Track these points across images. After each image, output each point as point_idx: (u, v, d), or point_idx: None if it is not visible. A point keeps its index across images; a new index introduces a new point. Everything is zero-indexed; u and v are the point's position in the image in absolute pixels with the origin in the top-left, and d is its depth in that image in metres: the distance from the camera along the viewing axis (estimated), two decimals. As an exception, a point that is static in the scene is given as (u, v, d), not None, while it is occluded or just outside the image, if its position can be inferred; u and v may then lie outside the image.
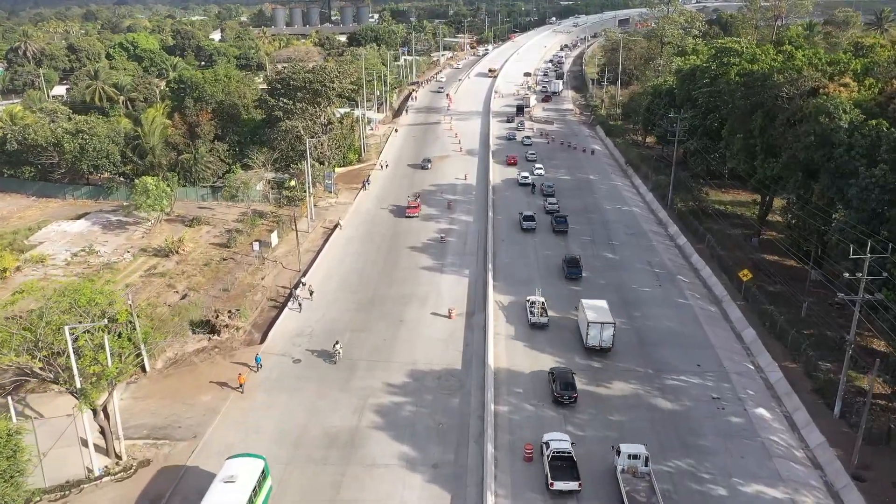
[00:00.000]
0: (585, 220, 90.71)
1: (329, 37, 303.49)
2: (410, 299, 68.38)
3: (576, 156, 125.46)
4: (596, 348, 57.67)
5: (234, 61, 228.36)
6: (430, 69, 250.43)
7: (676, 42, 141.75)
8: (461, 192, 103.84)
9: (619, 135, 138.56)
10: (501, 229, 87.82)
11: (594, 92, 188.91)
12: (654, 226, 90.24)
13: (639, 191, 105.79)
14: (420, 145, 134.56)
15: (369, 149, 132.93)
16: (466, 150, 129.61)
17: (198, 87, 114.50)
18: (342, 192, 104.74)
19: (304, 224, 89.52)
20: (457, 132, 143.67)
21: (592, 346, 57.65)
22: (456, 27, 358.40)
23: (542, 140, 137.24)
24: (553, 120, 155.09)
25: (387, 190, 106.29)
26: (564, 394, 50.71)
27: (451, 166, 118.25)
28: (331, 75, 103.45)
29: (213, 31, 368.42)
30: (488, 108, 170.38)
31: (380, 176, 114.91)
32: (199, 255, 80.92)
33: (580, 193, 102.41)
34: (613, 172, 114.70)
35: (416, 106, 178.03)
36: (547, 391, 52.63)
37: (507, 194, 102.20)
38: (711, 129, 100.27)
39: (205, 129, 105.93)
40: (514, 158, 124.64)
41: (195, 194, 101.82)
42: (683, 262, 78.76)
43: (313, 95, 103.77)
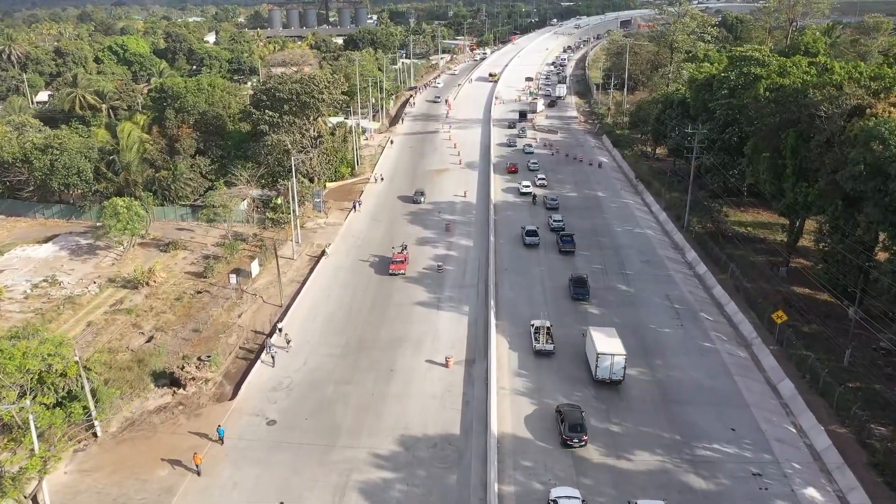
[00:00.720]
0: (596, 245, 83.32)
1: (325, 39, 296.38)
2: (403, 342, 61.00)
3: (582, 169, 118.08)
4: (606, 381, 53.42)
5: (225, 65, 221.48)
6: (429, 73, 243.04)
7: (686, 48, 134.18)
8: (460, 211, 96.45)
9: (627, 146, 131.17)
10: (504, 255, 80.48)
11: (599, 98, 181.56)
12: (671, 251, 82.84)
13: (651, 209, 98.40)
14: (417, 157, 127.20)
15: (363, 161, 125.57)
16: (466, 162, 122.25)
17: (179, 96, 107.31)
18: (332, 211, 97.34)
19: (289, 249, 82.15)
20: (456, 142, 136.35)
21: (602, 379, 53.46)
22: (455, 29, 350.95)
23: (546, 151, 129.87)
24: (557, 129, 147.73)
25: (380, 208, 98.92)
26: (574, 436, 46.31)
27: (449, 181, 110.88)
28: (320, 86, 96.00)
29: (208, 33, 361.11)
30: (489, 115, 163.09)
31: (374, 191, 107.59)
32: (172, 287, 73.48)
33: (589, 213, 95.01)
34: (623, 188, 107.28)
35: (414, 113, 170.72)
36: (554, 432, 47.41)
37: (510, 213, 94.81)
38: (730, 143, 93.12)
39: (185, 144, 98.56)
40: (514, 166, 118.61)
41: (174, 214, 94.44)
42: (705, 294, 71.34)
43: (301, 108, 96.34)
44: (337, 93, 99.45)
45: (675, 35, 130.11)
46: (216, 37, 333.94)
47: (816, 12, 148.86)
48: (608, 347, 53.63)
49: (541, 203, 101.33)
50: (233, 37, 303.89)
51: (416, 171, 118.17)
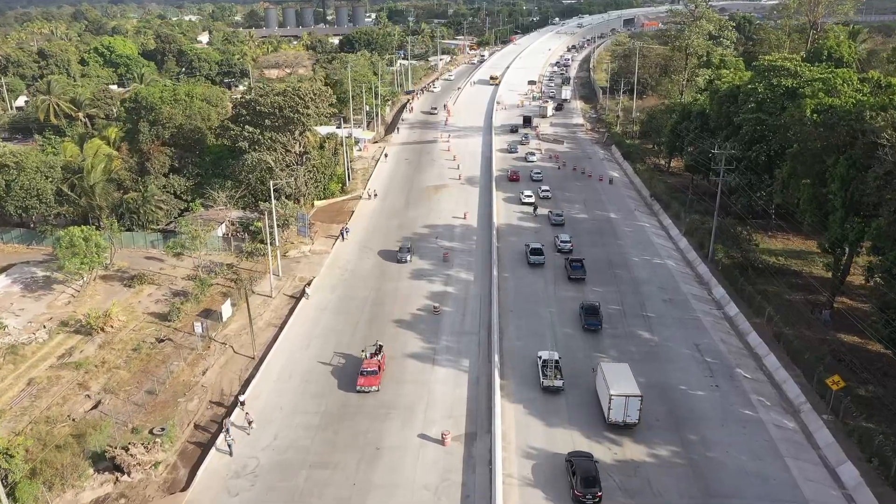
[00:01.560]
0: (611, 279, 74.36)
1: (321, 39, 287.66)
2: (392, 410, 52.09)
3: (591, 185, 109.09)
4: (620, 424, 49.08)
5: (215, 68, 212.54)
6: (428, 75, 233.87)
7: (701, 52, 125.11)
8: (460, 237, 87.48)
9: (638, 158, 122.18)
10: (509, 290, 71.61)
11: (605, 103, 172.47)
12: (695, 286, 73.87)
13: (669, 234, 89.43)
14: (413, 171, 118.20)
15: (355, 175, 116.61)
16: (466, 177, 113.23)
17: (154, 108, 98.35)
18: (319, 236, 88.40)
19: (267, 284, 73.19)
20: (455, 154, 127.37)
21: (615, 422, 49.23)
22: (455, 29, 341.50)
23: (552, 164, 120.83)
24: (563, 138, 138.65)
25: (371, 232, 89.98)
26: (587, 492, 41.98)
27: (448, 200, 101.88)
28: (305, 99, 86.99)
29: (202, 32, 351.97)
30: (490, 122, 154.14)
31: (366, 211, 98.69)
32: (131, 333, 64.53)
33: (601, 238, 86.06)
34: (637, 209, 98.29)
35: (411, 120, 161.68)
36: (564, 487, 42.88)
37: (514, 239, 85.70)
38: (757, 162, 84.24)
39: (156, 163, 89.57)
40: (516, 174, 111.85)
41: (143, 241, 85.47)
42: (739, 343, 62.39)
43: (285, 123, 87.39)
44: (324, 106, 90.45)
45: (691, 39, 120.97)
46: (210, 37, 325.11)
47: (839, 13, 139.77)
48: (621, 388, 49.22)
49: (544, 218, 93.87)
50: (226, 37, 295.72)
51: (412, 187, 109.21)
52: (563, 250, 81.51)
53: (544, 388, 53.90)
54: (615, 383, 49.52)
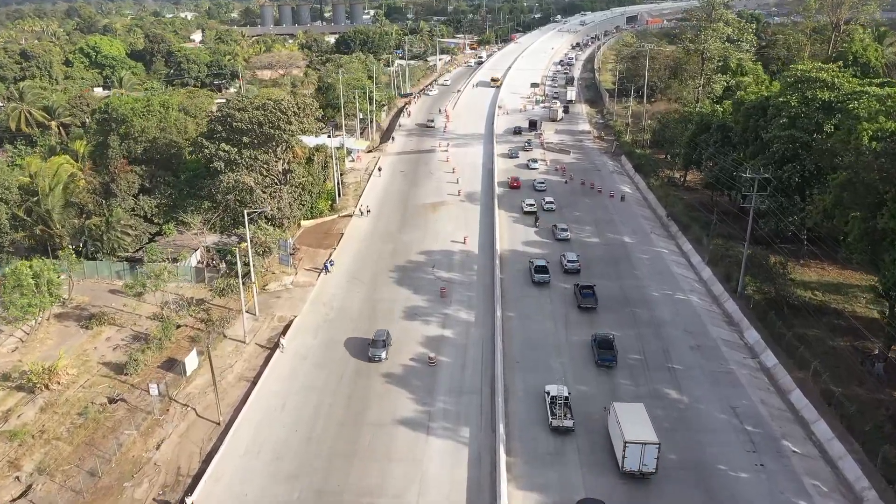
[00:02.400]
0: (630, 320, 65.90)
1: (317, 38, 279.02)
2: (378, 499, 43.69)
3: (601, 202, 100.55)
4: (636, 474, 44.57)
5: (204, 69, 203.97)
6: (427, 76, 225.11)
7: (718, 56, 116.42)
8: (459, 265, 79.00)
9: (651, 171, 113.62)
10: (514, 331, 63.43)
11: (613, 108, 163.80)
12: (724, 328, 65.41)
13: (690, 261, 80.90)
14: (409, 185, 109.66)
15: (346, 190, 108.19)
16: (466, 192, 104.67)
17: (125, 120, 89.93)
18: (304, 263, 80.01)
19: (242, 326, 64.76)
20: (454, 165, 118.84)
21: (631, 472, 44.75)
22: (455, 27, 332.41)
23: (558, 178, 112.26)
24: (569, 148, 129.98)
25: (362, 260, 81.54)
26: None
27: (447, 220, 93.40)
28: (288, 113, 78.43)
29: (196, 31, 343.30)
30: (491, 128, 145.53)
31: (357, 232, 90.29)
32: (80, 390, 56.20)
33: (615, 268, 77.60)
34: (654, 230, 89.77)
35: (408, 126, 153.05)
36: None
37: (519, 267, 77.26)
38: (789, 183, 75.78)
39: (122, 184, 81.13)
40: (517, 181, 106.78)
41: (108, 271, 77.06)
42: (781, 403, 53.97)
43: (265, 139, 78.90)
44: (309, 120, 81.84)
45: (708, 43, 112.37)
46: (202, 35, 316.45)
47: (864, 13, 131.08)
48: (636, 433, 44.96)
49: (548, 233, 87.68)
50: (219, 35, 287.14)
51: (408, 204, 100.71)
52: (570, 270, 75.60)
53: (553, 429, 49.45)
54: (630, 427, 45.36)
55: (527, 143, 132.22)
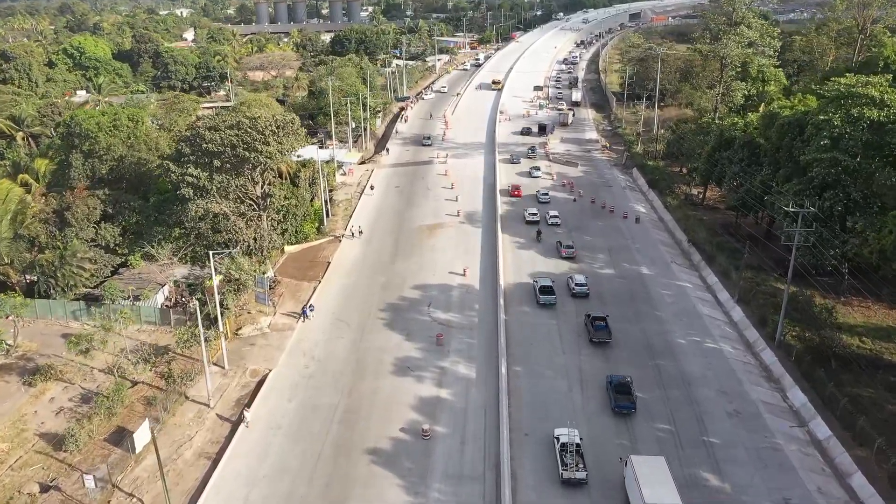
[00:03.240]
0: (654, 376, 57.19)
1: (312, 38, 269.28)
2: None
3: (614, 224, 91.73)
4: None
5: (192, 71, 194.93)
6: (425, 77, 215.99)
7: (738, 62, 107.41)
8: (458, 303, 70.23)
9: (666, 186, 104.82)
10: (523, 389, 54.88)
11: (621, 114, 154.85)
12: (764, 387, 56.67)
13: (717, 298, 72.08)
14: (404, 204, 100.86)
15: (336, 209, 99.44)
16: (466, 212, 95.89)
17: (90, 136, 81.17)
18: (284, 301, 71.30)
19: (207, 386, 56.05)
20: (454, 180, 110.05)
21: None
22: (454, 25, 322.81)
23: (566, 194, 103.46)
24: (576, 160, 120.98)
25: (349, 294, 72.85)
26: None
27: (445, 246, 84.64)
28: (265, 132, 69.52)
29: (188, 29, 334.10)
30: (493, 136, 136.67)
31: (345, 261, 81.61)
32: (9, 472, 47.48)
33: (636, 308, 68.80)
34: (674, 259, 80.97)
35: (405, 133, 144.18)
36: None
37: (527, 310, 68.56)
38: (831, 212, 67.03)
39: (79, 212, 72.36)
40: (517, 191, 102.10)
41: (63, 311, 68.29)
42: (842, 492, 45.22)
43: (238, 163, 70.10)
44: (290, 139, 72.93)
45: (728, 48, 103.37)
46: (195, 34, 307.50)
47: (891, 15, 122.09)
48: (657, 494, 40.41)
49: (553, 249, 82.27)
50: (211, 34, 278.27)
51: (403, 227, 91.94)
52: (578, 294, 70.35)
53: (564, 481, 44.77)
54: (650, 487, 40.86)
55: (530, 150, 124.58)
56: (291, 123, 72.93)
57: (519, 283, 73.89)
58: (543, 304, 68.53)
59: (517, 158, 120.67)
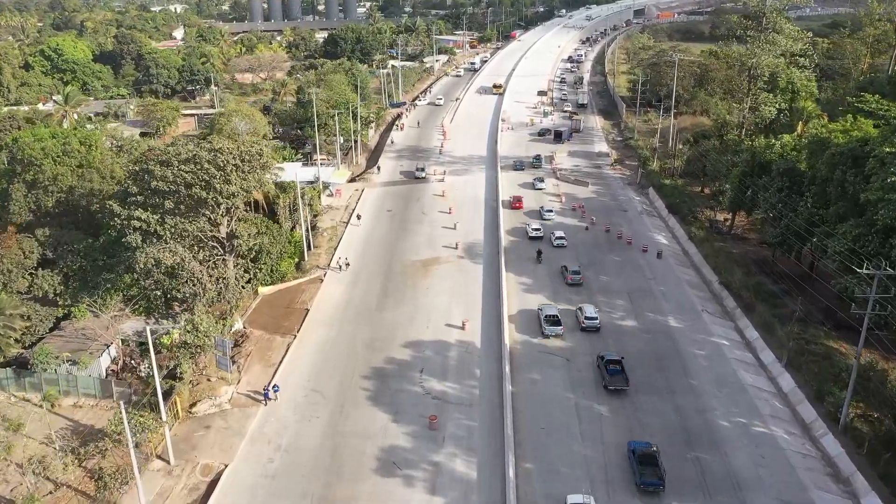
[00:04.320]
0: (696, 477, 46.48)
1: (305, 37, 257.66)
2: None
3: (633, 259, 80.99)
4: None
5: (175, 75, 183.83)
6: (423, 80, 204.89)
7: (768, 73, 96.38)
8: (456, 368, 59.51)
9: (688, 210, 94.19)
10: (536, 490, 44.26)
11: (632, 123, 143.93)
12: (833, 492, 45.91)
13: (759, 358, 61.25)
14: (396, 232, 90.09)
15: (320, 238, 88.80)
16: (466, 244, 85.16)
17: (34, 164, 70.39)
18: (251, 363, 60.63)
19: (154, 483, 45.36)
20: (452, 203, 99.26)
21: None
22: (453, 22, 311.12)
23: (577, 221, 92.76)
24: (587, 179, 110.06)
25: (327, 354, 62.17)
26: None
27: (441, 289, 73.91)
28: (227, 168, 58.66)
29: (178, 27, 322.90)
30: (494, 149, 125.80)
31: (326, 305, 71.11)
32: None
33: (665, 375, 58.09)
34: (704, 306, 70.19)
35: (399, 145, 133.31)
36: None
37: (538, 378, 57.88)
38: (896, 261, 56.15)
39: (7, 260, 61.60)
40: (519, 202, 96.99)
41: (-13, 379, 57.61)
42: None
43: (194, 204, 59.29)
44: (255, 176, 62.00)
45: (759, 58, 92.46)
46: (184, 32, 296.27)
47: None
48: None
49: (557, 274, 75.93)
50: (200, 33, 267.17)
51: (393, 262, 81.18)
52: (588, 329, 64.06)
53: None
54: None
55: (535, 159, 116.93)
56: (258, 157, 61.85)
57: (527, 342, 63.15)
58: (549, 335, 62.81)
59: (521, 165, 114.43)
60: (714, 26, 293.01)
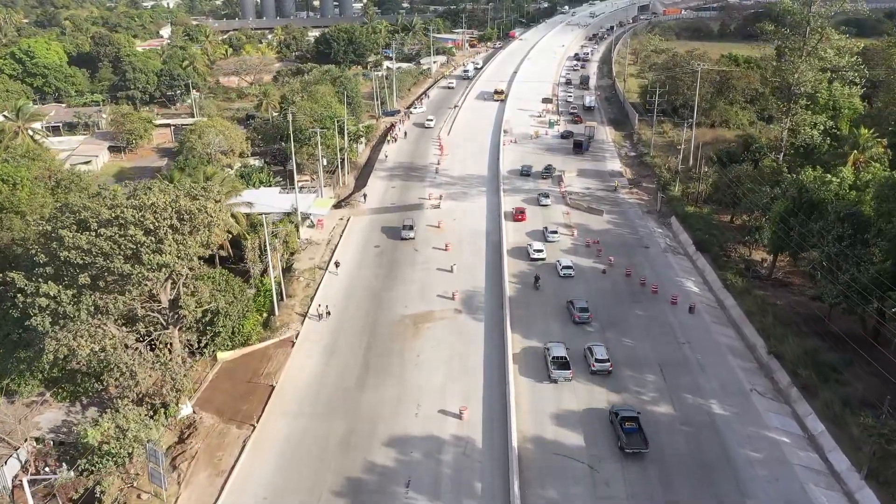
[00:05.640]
0: None
1: (297, 36, 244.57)
2: None
3: (661, 314, 68.75)
4: None
5: (153, 80, 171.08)
6: (420, 84, 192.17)
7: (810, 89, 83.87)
8: (451, 482, 47.24)
9: (718, 247, 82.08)
10: None
11: (644, 134, 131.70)
12: None
13: (829, 462, 49.20)
14: (383, 278, 77.80)
15: (295, 284, 76.58)
16: (464, 293, 72.93)
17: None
18: (197, 465, 48.48)
19: None
20: (448, 239, 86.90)
21: None
22: (452, 20, 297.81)
23: (592, 261, 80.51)
24: (600, 205, 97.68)
25: (290, 456, 50.04)
26: None
27: (434, 358, 61.72)
28: (159, 230, 46.30)
29: (165, 25, 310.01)
30: (497, 167, 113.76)
31: (296, 382, 59.06)
32: None
33: (713, 491, 45.93)
34: (753, 383, 57.96)
35: (391, 162, 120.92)
36: None
37: (556, 501, 45.72)
38: None
39: None
40: (522, 215, 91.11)
41: None
42: None
43: (121, 280, 46.92)
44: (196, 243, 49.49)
45: (801, 74, 79.99)
46: (171, 31, 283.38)
47: None
48: None
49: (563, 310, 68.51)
50: (187, 32, 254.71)
51: (379, 320, 68.93)
52: (598, 372, 57.76)
53: None
54: None
55: (546, 170, 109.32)
56: (202, 213, 49.29)
57: (541, 439, 50.98)
58: (556, 380, 56.85)
59: (528, 170, 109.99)
60: (724, 24, 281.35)
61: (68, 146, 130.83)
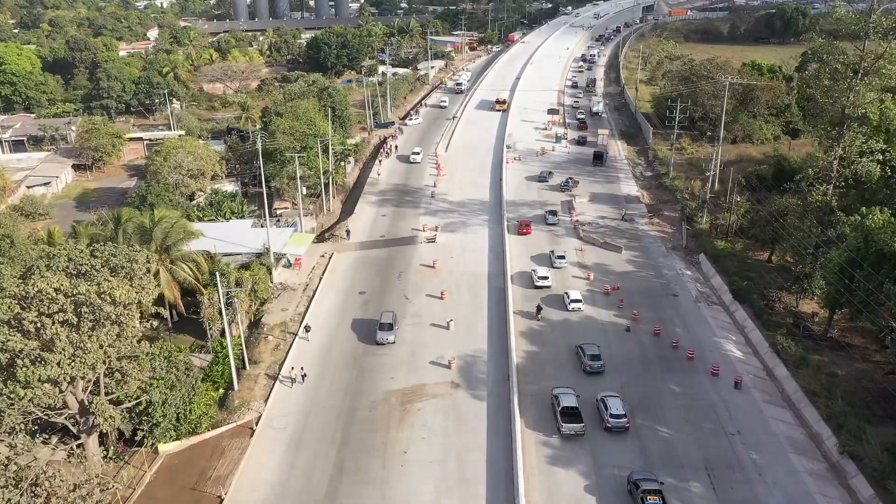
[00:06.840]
0: None
1: (288, 40, 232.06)
2: None
3: (700, 391, 56.68)
4: None
5: (130, 88, 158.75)
6: (416, 91, 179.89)
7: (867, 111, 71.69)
8: None
9: (758, 295, 70.09)
10: None
11: (660, 150, 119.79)
12: None
13: None
14: (366, 341, 65.49)
15: (262, 347, 64.52)
16: (463, 359, 60.98)
17: None
18: None
19: None
20: (445, 283, 75.04)
21: None
22: (451, 22, 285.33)
23: (615, 316, 68.34)
24: (618, 241, 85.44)
25: None
26: None
27: (423, 458, 49.76)
28: (46, 328, 34.24)
29: (153, 26, 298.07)
30: (500, 190, 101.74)
31: (251, 482, 47.20)
32: None
33: None
34: (826, 493, 45.96)
35: (382, 185, 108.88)
36: None
37: None
38: None
39: None
40: (527, 228, 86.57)
41: None
42: None
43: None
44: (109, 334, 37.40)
45: (862, 95, 67.83)
46: (158, 33, 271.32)
47: None
48: None
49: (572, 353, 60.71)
50: (174, 34, 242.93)
51: (360, 398, 56.92)
52: (613, 428, 50.37)
53: None
54: None
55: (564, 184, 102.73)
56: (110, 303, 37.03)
57: None
58: (567, 434, 49.74)
59: (546, 176, 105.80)
60: (734, 26, 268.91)
61: (27, 164, 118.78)
